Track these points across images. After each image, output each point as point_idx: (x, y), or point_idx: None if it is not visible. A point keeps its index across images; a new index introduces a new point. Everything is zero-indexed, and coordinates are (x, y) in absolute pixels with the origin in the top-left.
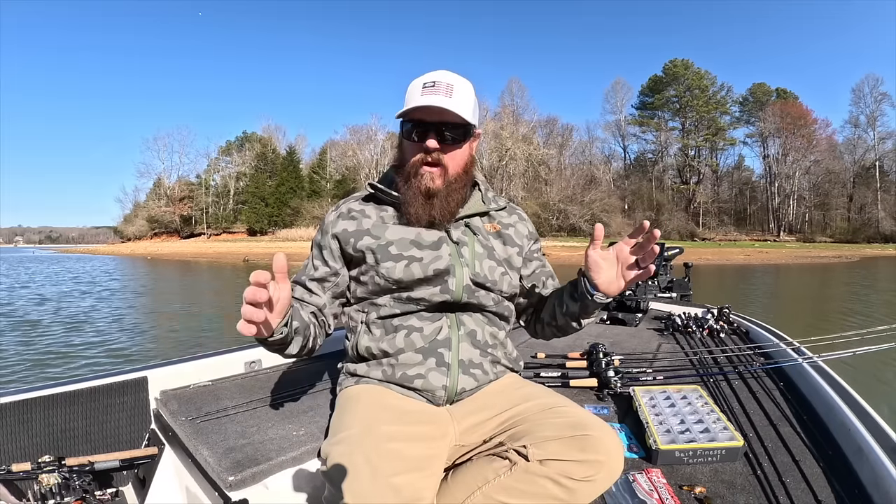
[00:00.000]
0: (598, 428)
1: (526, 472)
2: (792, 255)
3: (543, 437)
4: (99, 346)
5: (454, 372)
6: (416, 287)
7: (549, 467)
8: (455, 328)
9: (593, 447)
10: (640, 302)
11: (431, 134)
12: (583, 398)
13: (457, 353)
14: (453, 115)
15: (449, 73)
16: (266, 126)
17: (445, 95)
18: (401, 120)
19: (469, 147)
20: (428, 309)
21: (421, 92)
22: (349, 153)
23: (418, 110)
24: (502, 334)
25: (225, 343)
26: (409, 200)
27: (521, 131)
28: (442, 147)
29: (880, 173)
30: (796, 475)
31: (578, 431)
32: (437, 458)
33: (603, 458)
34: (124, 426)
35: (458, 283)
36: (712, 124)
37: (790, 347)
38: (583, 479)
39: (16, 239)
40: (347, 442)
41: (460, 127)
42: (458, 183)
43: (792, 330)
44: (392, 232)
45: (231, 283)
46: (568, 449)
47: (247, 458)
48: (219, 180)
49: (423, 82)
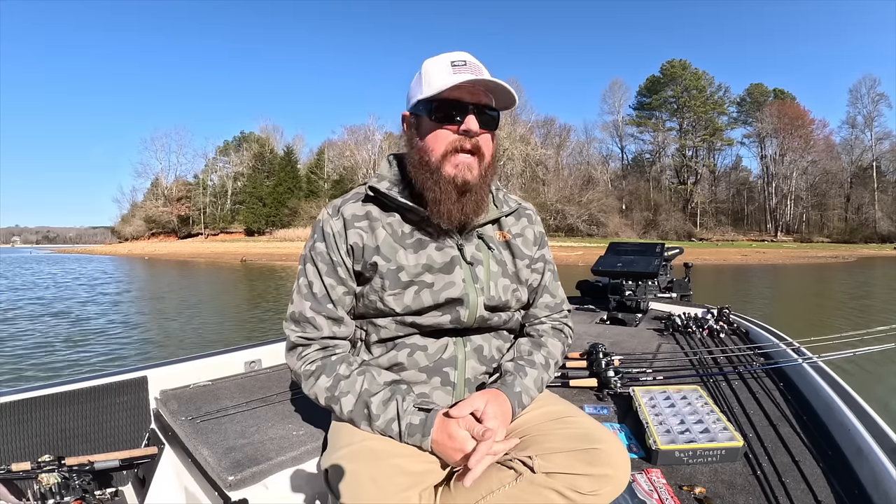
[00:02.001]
0: (607, 441)
1: (531, 483)
2: (789, 255)
3: (550, 449)
4: (99, 347)
5: (459, 391)
6: (425, 313)
7: (555, 480)
8: (461, 346)
9: (601, 461)
10: (640, 302)
11: (470, 113)
12: (583, 398)
13: (463, 372)
14: (502, 89)
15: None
16: (264, 126)
17: (480, 76)
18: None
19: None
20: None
21: (451, 70)
22: (347, 153)
23: (455, 89)
24: (507, 346)
25: (225, 343)
26: (440, 197)
27: (518, 131)
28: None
29: (877, 174)
30: (796, 475)
31: (587, 444)
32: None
33: (610, 472)
34: (124, 426)
35: (471, 312)
36: (710, 125)
37: (790, 348)
38: (589, 493)
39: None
40: (349, 459)
41: (494, 110)
42: (489, 177)
43: (791, 330)
44: (403, 255)
45: (230, 283)
46: (575, 462)
47: (247, 458)
48: (216, 180)
49: (450, 60)
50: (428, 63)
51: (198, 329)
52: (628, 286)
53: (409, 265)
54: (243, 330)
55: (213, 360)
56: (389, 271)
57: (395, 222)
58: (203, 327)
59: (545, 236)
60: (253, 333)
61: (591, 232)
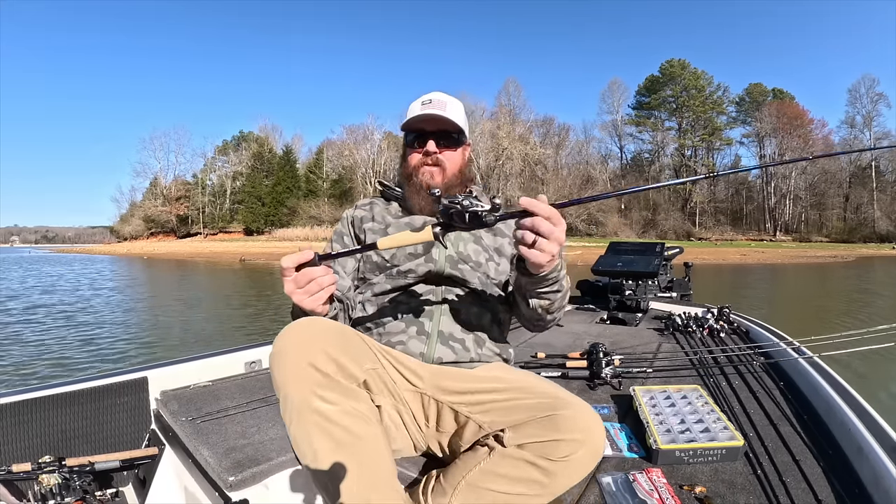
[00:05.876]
0: (572, 406)
1: (504, 457)
2: (788, 254)
3: (519, 421)
4: (99, 346)
5: (433, 340)
6: (405, 261)
7: (526, 450)
8: (439, 301)
9: (569, 425)
10: (640, 302)
11: (430, 139)
12: (582, 398)
13: (437, 324)
14: (448, 122)
15: (443, 94)
16: (263, 126)
17: (440, 110)
18: (404, 133)
19: (462, 153)
20: (416, 282)
21: (420, 108)
22: (346, 153)
23: (419, 121)
24: (488, 317)
25: (225, 343)
26: (413, 196)
27: (517, 131)
28: (440, 150)
29: (876, 173)
30: (796, 475)
31: (552, 411)
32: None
33: (579, 436)
34: (124, 426)
35: (442, 252)
36: (709, 124)
37: (790, 347)
38: (560, 458)
39: (12, 239)
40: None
41: (454, 134)
42: (454, 181)
43: (791, 329)
44: (391, 218)
45: (229, 283)
46: (543, 430)
47: (247, 458)
48: (215, 180)
49: (421, 101)
50: (411, 104)
51: (198, 329)
52: (628, 286)
53: (395, 222)
54: (243, 330)
55: (214, 360)
56: (380, 229)
57: (392, 208)
58: (203, 328)
59: None
60: (253, 334)
61: (590, 231)
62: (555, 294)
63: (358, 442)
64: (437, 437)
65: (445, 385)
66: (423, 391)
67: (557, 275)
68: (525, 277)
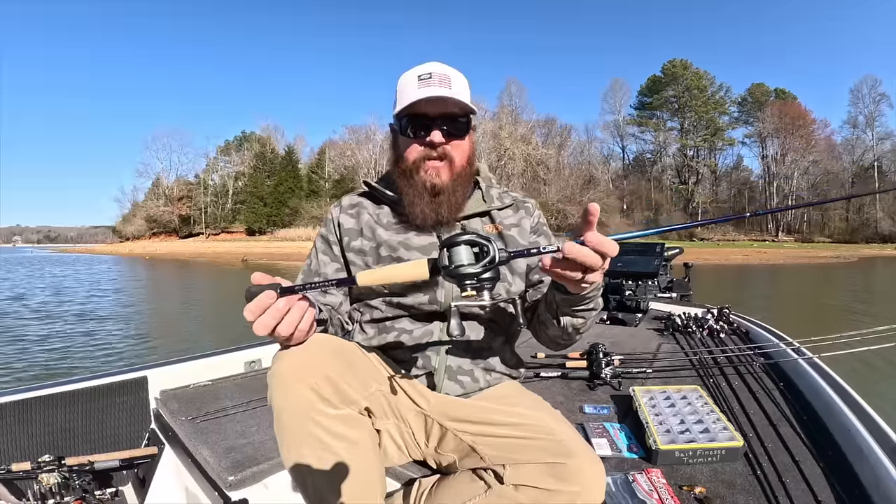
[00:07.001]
0: (579, 456)
1: (500, 496)
2: (790, 255)
3: (521, 460)
4: (98, 346)
5: (440, 376)
6: (407, 293)
7: (521, 493)
8: (445, 334)
9: (570, 477)
10: (640, 302)
11: (435, 127)
12: (582, 398)
13: (444, 360)
14: (456, 103)
15: (442, 64)
16: (265, 126)
17: (444, 86)
18: (397, 119)
19: (470, 139)
20: (418, 313)
21: (417, 85)
22: (348, 153)
23: (419, 104)
24: (499, 340)
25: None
26: (414, 199)
27: (519, 131)
28: (446, 140)
29: (879, 174)
30: (796, 475)
31: (558, 458)
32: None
33: (578, 488)
34: (124, 426)
35: (448, 292)
36: (711, 124)
37: (790, 347)
38: None
39: (14, 239)
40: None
41: (463, 117)
42: (463, 177)
43: (791, 330)
44: (383, 233)
45: (231, 283)
46: (543, 476)
47: (247, 458)
48: (217, 180)
49: (417, 74)
50: (401, 78)
51: (198, 329)
52: (628, 286)
53: (388, 240)
54: (243, 330)
55: (214, 359)
56: (371, 248)
57: (383, 213)
58: (203, 327)
59: (546, 226)
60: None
61: None
62: (589, 312)
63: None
64: (436, 456)
65: (453, 413)
66: (427, 413)
67: (597, 292)
68: (561, 295)
